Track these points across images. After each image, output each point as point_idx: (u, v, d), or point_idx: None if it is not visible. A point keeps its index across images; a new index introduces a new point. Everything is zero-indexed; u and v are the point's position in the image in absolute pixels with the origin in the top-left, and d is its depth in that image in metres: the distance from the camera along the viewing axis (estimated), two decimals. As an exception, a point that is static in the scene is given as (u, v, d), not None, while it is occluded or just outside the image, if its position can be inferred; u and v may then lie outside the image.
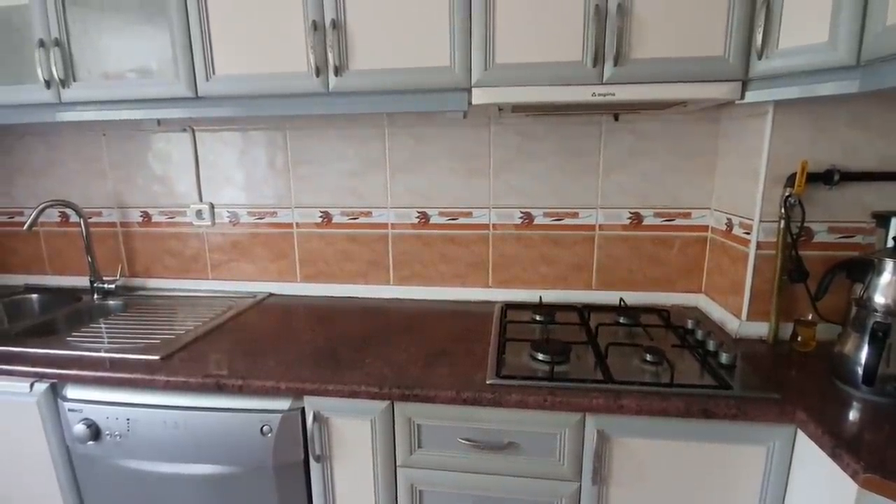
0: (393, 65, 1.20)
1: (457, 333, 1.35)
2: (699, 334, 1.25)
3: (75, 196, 1.78)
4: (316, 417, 1.09)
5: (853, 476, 0.78)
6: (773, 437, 0.97)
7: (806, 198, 1.19)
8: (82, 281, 1.76)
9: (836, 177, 1.16)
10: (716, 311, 1.44)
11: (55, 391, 1.21)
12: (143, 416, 1.14)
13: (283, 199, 1.68)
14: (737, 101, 1.12)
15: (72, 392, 1.19)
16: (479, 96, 1.17)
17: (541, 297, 1.57)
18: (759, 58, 1.06)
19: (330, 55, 1.19)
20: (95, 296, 1.72)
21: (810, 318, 1.20)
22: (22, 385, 1.20)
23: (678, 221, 1.52)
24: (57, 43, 1.29)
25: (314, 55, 1.20)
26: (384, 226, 1.65)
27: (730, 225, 1.38)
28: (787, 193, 1.19)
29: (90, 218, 1.77)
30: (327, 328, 1.41)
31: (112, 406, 1.15)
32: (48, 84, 1.32)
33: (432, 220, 1.62)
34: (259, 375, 1.11)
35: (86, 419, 1.16)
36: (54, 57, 1.29)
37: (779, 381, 1.05)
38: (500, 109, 1.34)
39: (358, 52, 1.20)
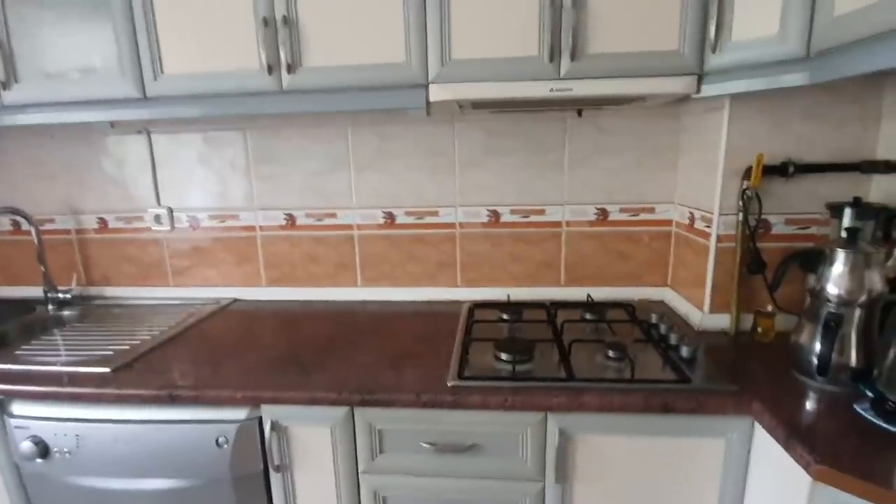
0: (348, 62, 1.17)
1: (423, 335, 1.33)
2: (662, 328, 1.26)
3: (26, 203, 1.70)
4: (274, 426, 1.06)
5: (806, 468, 0.78)
6: (731, 429, 0.98)
7: (763, 190, 1.20)
8: (37, 291, 1.69)
9: (791, 169, 1.17)
10: (681, 305, 1.44)
11: (2, 408, 1.15)
12: (92, 432, 1.09)
13: (245, 201, 1.63)
14: (693, 96, 1.12)
15: (18, 408, 1.13)
16: (436, 93, 1.15)
17: (509, 296, 1.56)
18: (713, 51, 1.06)
19: (282, 52, 1.16)
20: (50, 306, 1.65)
21: (770, 309, 1.21)
22: (-37, 403, 1.14)
23: (643, 216, 1.52)
24: (-7, 42, 1.23)
25: (266, 52, 1.16)
26: (350, 227, 1.62)
27: (692, 219, 1.38)
28: (744, 186, 1.19)
29: (42, 225, 1.70)
30: (291, 333, 1.37)
31: (60, 422, 1.10)
32: (-14, 85, 1.25)
33: (399, 220, 1.60)
34: (214, 385, 1.07)
35: (33, 436, 1.10)
36: (-9, 57, 1.23)
37: (738, 373, 1.05)
38: (460, 106, 1.32)
39: (311, 49, 1.17)
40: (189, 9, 1.17)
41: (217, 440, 1.06)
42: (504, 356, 1.13)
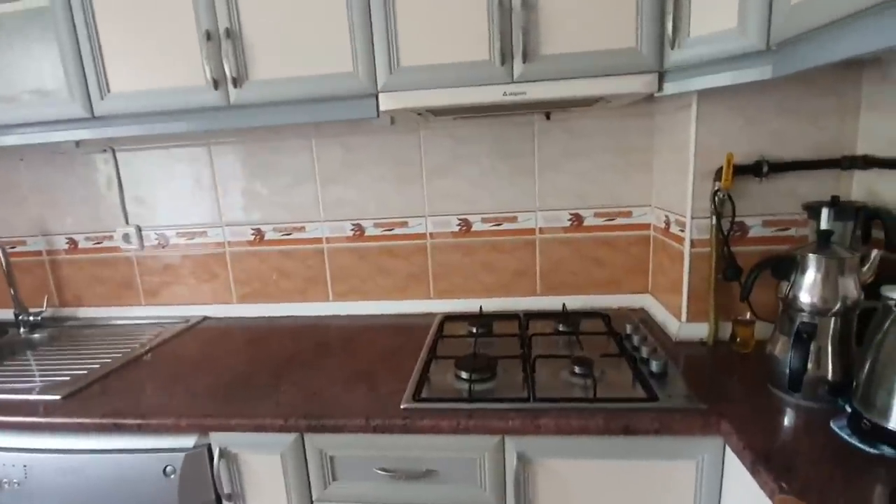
0: (295, 73, 1.13)
1: (388, 351, 1.28)
2: (635, 340, 1.19)
3: (-3, 225, 1.70)
4: (223, 454, 1.02)
5: (770, 496, 0.71)
6: (702, 451, 0.91)
7: (737, 192, 1.13)
8: (8, 314, 1.68)
9: (766, 168, 1.10)
10: (660, 313, 1.38)
11: (-48, 439, 1.12)
12: (40, 462, 1.06)
13: (212, 217, 1.60)
14: (655, 94, 1.06)
15: (-34, 439, 1.11)
16: (386, 102, 1.11)
17: (481, 307, 1.50)
18: (672, 47, 1.00)
19: (227, 66, 1.12)
20: (21, 329, 1.64)
21: (748, 317, 1.14)
22: (-87, 435, 1.11)
23: (619, 220, 1.46)
24: (-59, 66, 1.21)
25: (210, 67, 1.13)
26: (319, 240, 1.58)
27: (668, 222, 1.32)
28: (715, 188, 1.13)
29: (12, 247, 1.69)
30: (252, 353, 1.33)
31: (8, 452, 1.07)
32: (-64, 110, 1.24)
33: (368, 233, 1.55)
34: (161, 412, 1.03)
35: (-21, 468, 1.08)
36: (-61, 81, 1.22)
37: (710, 388, 0.99)
38: (419, 114, 1.27)
39: (257, 62, 1.13)
40: (131, 25, 1.15)
41: (164, 469, 1.02)
42: (463, 374, 1.07)
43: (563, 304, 1.45)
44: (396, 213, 1.53)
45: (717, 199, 1.13)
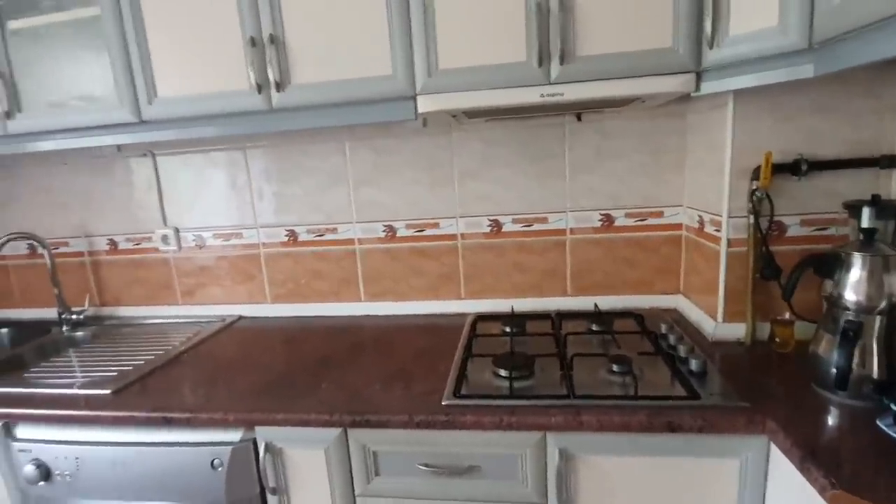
0: (336, 77, 1.16)
1: (422, 350, 1.30)
2: (672, 339, 1.19)
3: (41, 227, 1.76)
4: (268, 448, 1.05)
5: (821, 492, 0.71)
6: (746, 449, 0.91)
7: (774, 190, 1.13)
8: (52, 313, 1.74)
9: (804, 167, 1.10)
10: (693, 313, 1.37)
11: (7, 431, 1.17)
12: (92, 455, 1.10)
13: (247, 219, 1.64)
14: (692, 94, 1.07)
15: (22, 431, 1.15)
16: (424, 104, 1.13)
17: (512, 307, 1.51)
18: (711, 47, 1.01)
19: (270, 71, 1.16)
20: (64, 327, 1.69)
21: (787, 317, 1.13)
22: (-28, 427, 1.16)
23: (651, 221, 1.46)
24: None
25: (254, 72, 1.16)
26: (351, 241, 1.61)
27: (701, 222, 1.32)
28: (753, 187, 1.13)
29: (57, 248, 1.75)
30: (290, 351, 1.36)
31: (61, 445, 1.12)
32: (-8, 116, 1.30)
33: (399, 234, 1.58)
34: (208, 407, 1.06)
35: (35, 459, 1.12)
36: (-4, 89, 1.27)
37: (752, 387, 0.98)
38: (453, 116, 1.30)
39: (299, 66, 1.17)
40: (178, 33, 1.19)
41: (212, 463, 1.05)
42: (502, 372, 1.09)
43: (595, 304, 1.46)
44: (428, 215, 1.55)
45: (754, 197, 1.13)
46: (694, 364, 1.04)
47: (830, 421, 0.86)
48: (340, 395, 1.08)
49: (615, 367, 1.06)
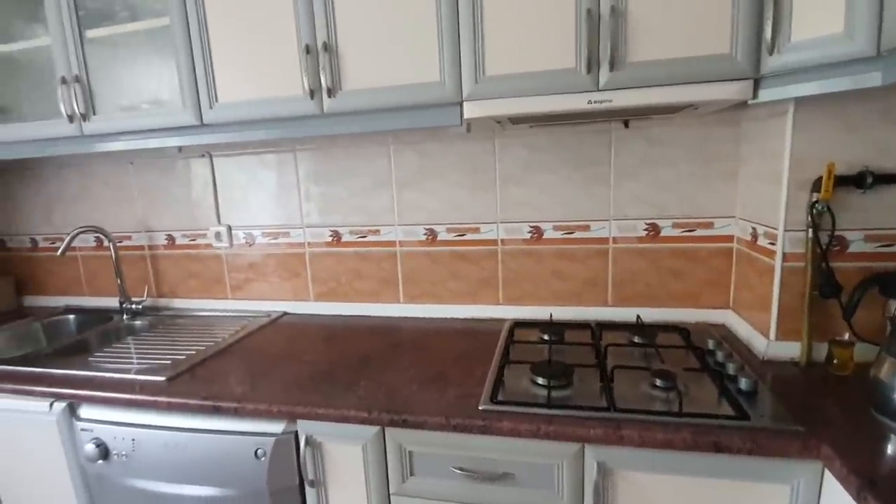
0: (384, 83, 1.19)
1: (460, 354, 1.31)
2: (720, 356, 1.15)
3: (107, 221, 1.89)
4: (308, 441, 1.08)
5: (884, 527, 0.67)
6: (798, 475, 0.86)
7: (836, 203, 1.07)
8: (114, 302, 1.86)
9: (870, 179, 1.04)
10: (743, 330, 1.32)
11: (72, 411, 1.26)
12: (147, 437, 1.17)
13: (294, 219, 1.71)
14: (749, 102, 1.03)
15: (85, 412, 1.24)
16: (470, 110, 1.14)
17: (551, 315, 1.50)
18: (771, 53, 0.97)
19: (323, 77, 1.20)
20: (125, 316, 1.80)
21: (847, 337, 1.07)
22: (43, 405, 1.26)
23: (699, 232, 1.41)
24: (77, 79, 1.38)
25: (308, 78, 1.21)
26: (392, 243, 1.64)
27: (755, 235, 1.27)
28: (813, 199, 1.07)
29: (121, 242, 1.87)
30: (332, 348, 1.40)
31: (119, 426, 1.19)
32: (70, 118, 1.40)
33: (440, 237, 1.60)
34: (254, 398, 1.11)
35: (95, 439, 1.20)
36: (75, 92, 1.38)
37: (806, 411, 0.93)
38: (498, 122, 1.30)
39: (350, 73, 1.20)
40: (239, 41, 1.25)
41: (256, 452, 1.10)
42: (540, 380, 1.08)
43: (638, 316, 1.42)
44: (469, 219, 1.56)
45: (814, 210, 1.07)
46: (744, 383, 1.00)
47: (891, 450, 0.80)
48: (379, 393, 1.10)
49: (658, 382, 1.04)
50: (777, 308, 1.16)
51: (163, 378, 1.23)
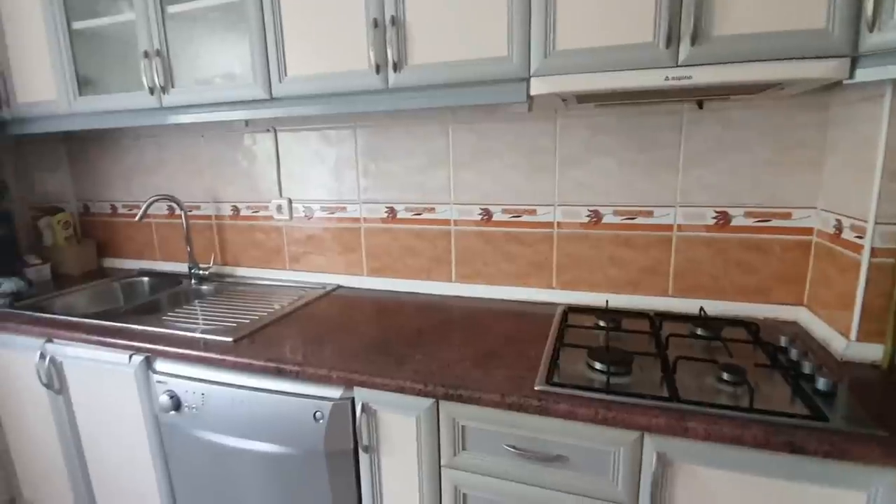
0: (450, 58, 1.18)
1: (513, 334, 1.30)
2: (794, 353, 1.08)
3: (180, 191, 2.00)
4: (364, 409, 1.12)
5: (984, 544, 0.62)
6: (876, 481, 0.81)
7: (941, 196, 0.98)
8: (184, 267, 1.97)
9: None
10: (819, 329, 1.24)
11: (149, 364, 1.35)
12: (215, 392, 1.24)
13: (352, 194, 1.74)
14: (845, 82, 0.95)
15: (160, 366, 1.33)
16: (537, 86, 1.11)
17: (607, 302, 1.46)
18: (871, 30, 0.88)
19: (389, 51, 1.20)
20: (192, 280, 1.91)
21: (943, 342, 0.98)
22: (123, 357, 1.36)
23: (775, 223, 1.33)
24: (158, 53, 1.45)
25: (374, 52, 1.22)
26: (447, 222, 1.64)
27: (839, 228, 1.17)
28: (913, 190, 0.98)
29: (190, 211, 1.98)
30: (385, 322, 1.43)
31: (190, 381, 1.27)
32: (151, 91, 1.48)
33: (495, 217, 1.58)
34: (314, 363, 1.15)
35: (169, 391, 1.29)
36: (156, 66, 1.45)
37: (889, 415, 0.87)
38: (563, 101, 1.26)
39: (416, 47, 1.20)
40: (310, 15, 1.27)
41: (315, 415, 1.14)
42: (598, 366, 1.06)
43: (701, 308, 1.36)
44: (525, 201, 1.54)
45: (914, 202, 0.98)
46: (822, 383, 0.94)
47: None
48: (433, 367, 1.12)
49: (726, 376, 0.99)
50: (860, 306, 1.08)
51: (230, 339, 1.30)
